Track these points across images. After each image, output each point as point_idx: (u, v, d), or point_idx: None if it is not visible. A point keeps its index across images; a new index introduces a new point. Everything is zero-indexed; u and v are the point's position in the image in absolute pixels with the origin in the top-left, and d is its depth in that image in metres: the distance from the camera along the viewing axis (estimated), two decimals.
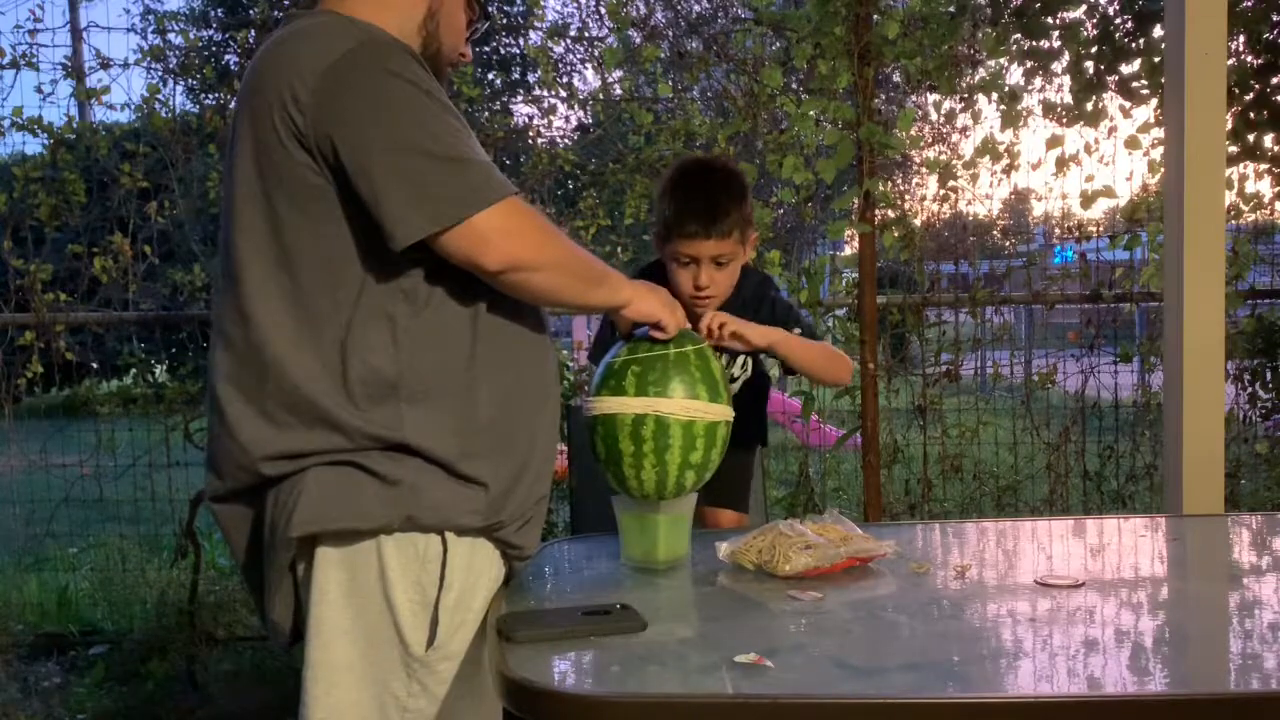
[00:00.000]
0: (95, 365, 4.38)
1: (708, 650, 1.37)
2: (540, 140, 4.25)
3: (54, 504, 3.91)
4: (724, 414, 1.74)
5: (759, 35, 3.84)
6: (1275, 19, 3.77)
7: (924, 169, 4.22)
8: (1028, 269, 4.00)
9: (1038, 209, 4.25)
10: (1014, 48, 3.76)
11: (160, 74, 4.01)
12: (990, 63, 3.71)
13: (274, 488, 1.47)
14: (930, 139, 4.28)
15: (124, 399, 4.11)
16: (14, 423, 3.81)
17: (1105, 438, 3.95)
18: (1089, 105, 3.75)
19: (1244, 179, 3.86)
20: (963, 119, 4.00)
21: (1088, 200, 3.77)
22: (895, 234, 3.44)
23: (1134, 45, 3.77)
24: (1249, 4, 3.70)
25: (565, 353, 4.24)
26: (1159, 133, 3.52)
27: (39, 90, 3.85)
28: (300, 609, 1.52)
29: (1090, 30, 3.78)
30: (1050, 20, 3.74)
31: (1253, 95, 3.74)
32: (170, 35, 4.13)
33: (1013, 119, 3.63)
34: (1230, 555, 2.01)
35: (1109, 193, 3.77)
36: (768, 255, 3.54)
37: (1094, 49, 3.76)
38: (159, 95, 3.87)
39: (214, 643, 3.65)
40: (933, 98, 3.93)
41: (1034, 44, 3.77)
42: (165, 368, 5.18)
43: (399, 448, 1.45)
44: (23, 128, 3.78)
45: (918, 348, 3.96)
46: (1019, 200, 4.58)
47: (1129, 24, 3.82)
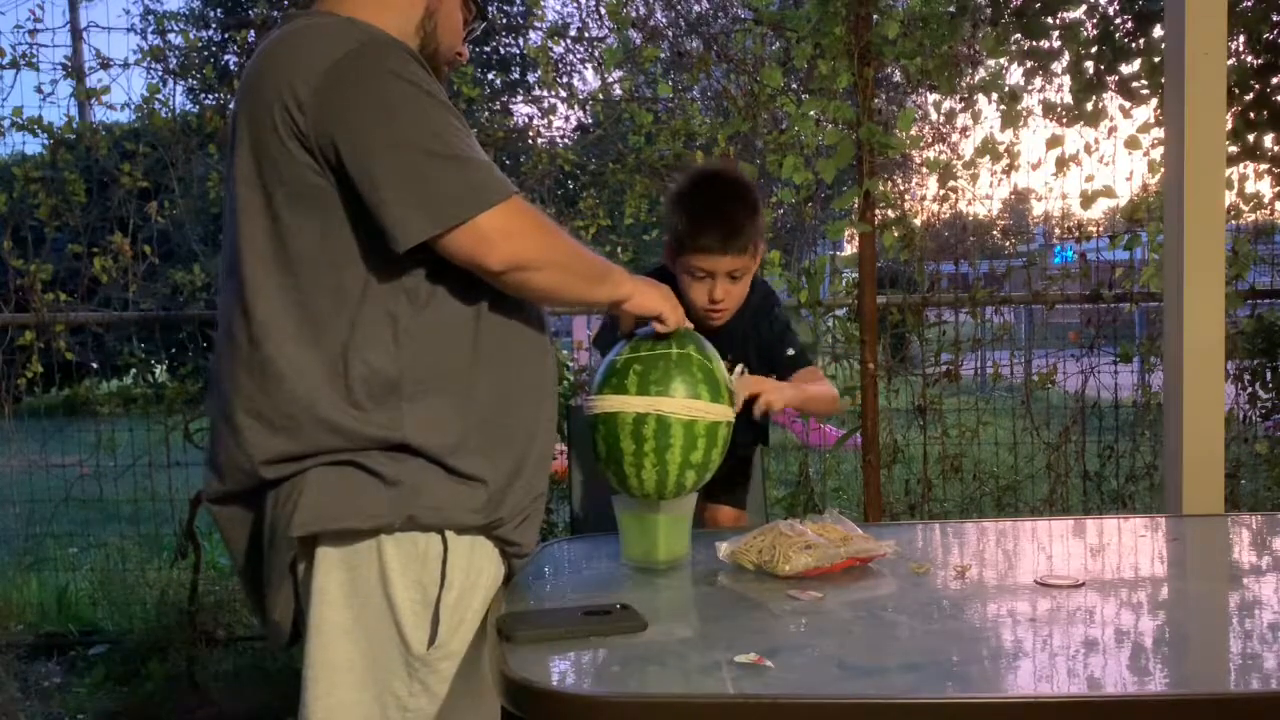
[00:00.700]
0: (95, 365, 4.38)
1: (708, 650, 1.37)
2: (540, 140, 4.24)
3: (54, 504, 3.91)
4: (725, 414, 1.74)
5: (759, 35, 3.84)
6: (1275, 19, 3.77)
7: (924, 169, 4.22)
8: (1028, 269, 4.00)
9: (1038, 209, 4.25)
10: (1014, 48, 3.76)
11: (160, 74, 4.01)
12: (990, 63, 3.71)
13: (274, 489, 1.47)
14: (930, 139, 4.28)
15: (124, 399, 4.12)
16: (14, 423, 3.81)
17: (1105, 438, 3.95)
18: (1089, 105, 3.75)
19: (1244, 179, 3.87)
20: (963, 119, 4.00)
21: (1088, 200, 3.78)
22: (895, 234, 3.44)
23: (1134, 45, 3.77)
24: (1249, 4, 3.70)
25: (565, 353, 4.23)
26: (1159, 133, 3.52)
27: (39, 90, 3.86)
28: (300, 609, 1.52)
29: (1090, 30, 3.78)
30: (1050, 20, 3.74)
31: (1253, 95, 3.74)
32: (170, 35, 4.13)
33: (1013, 119, 3.63)
34: (1230, 555, 2.02)
35: (1109, 193, 3.77)
36: (768, 255, 3.54)
37: (1094, 49, 3.76)
38: (159, 95, 3.87)
39: (214, 643, 3.65)
40: (933, 98, 3.93)
41: (1034, 44, 3.77)
42: (165, 368, 5.18)
43: (399, 447, 1.45)
44: (23, 128, 3.78)
45: (918, 348, 3.96)
46: (1019, 200, 4.58)
47: (1129, 24, 3.82)
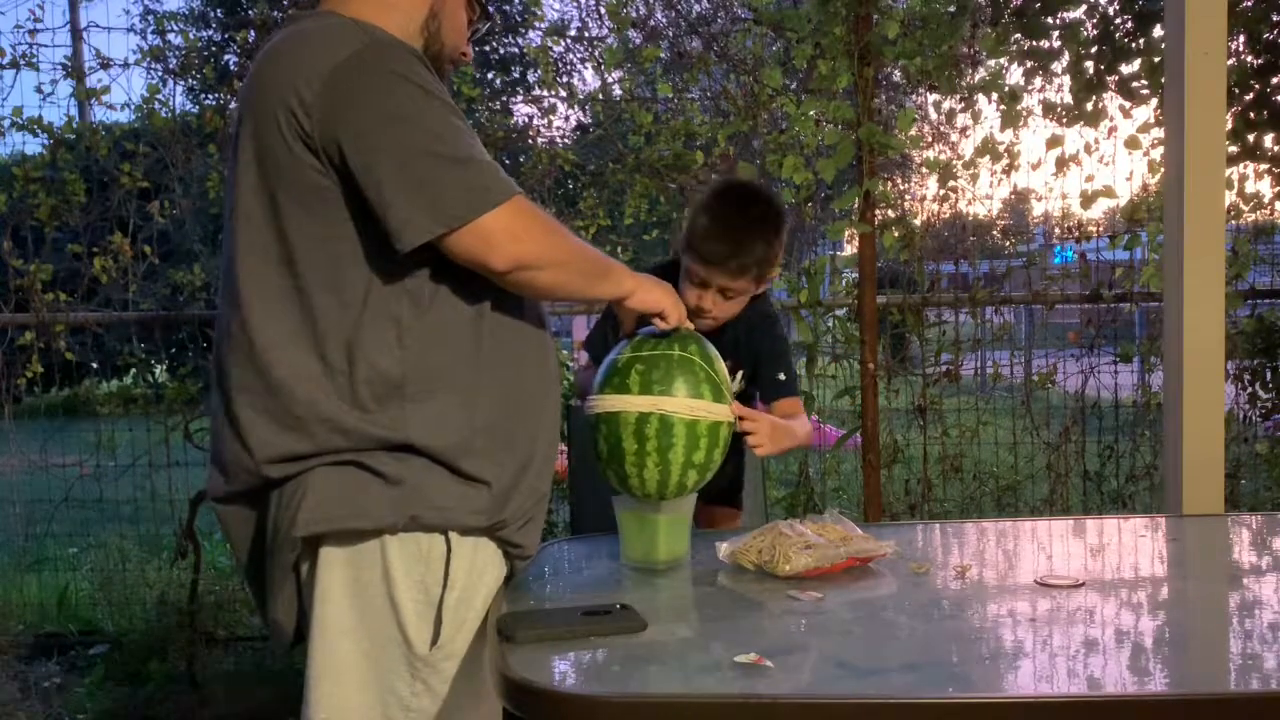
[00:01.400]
0: (95, 365, 4.38)
1: (708, 650, 1.37)
2: (540, 140, 4.24)
3: (54, 504, 3.90)
4: (727, 414, 1.74)
5: (759, 35, 3.84)
6: (1275, 19, 3.77)
7: (924, 169, 4.21)
8: (1028, 269, 3.99)
9: (1038, 209, 4.25)
10: (1014, 48, 3.75)
11: (160, 74, 4.01)
12: (990, 63, 3.71)
13: (278, 489, 1.47)
14: (930, 139, 4.28)
15: (124, 399, 4.12)
16: (14, 423, 3.81)
17: (1105, 438, 3.94)
18: (1089, 105, 3.75)
19: (1244, 179, 3.86)
20: (963, 119, 4.00)
21: (1088, 200, 3.77)
22: (895, 234, 3.44)
23: (1134, 45, 3.77)
24: (1249, 4, 3.70)
25: (565, 353, 4.24)
26: (1159, 133, 3.52)
27: (39, 90, 3.86)
28: (303, 609, 1.52)
29: (1090, 30, 3.78)
30: (1050, 20, 3.74)
31: (1253, 95, 3.74)
32: (170, 35, 4.13)
33: (1013, 119, 3.63)
34: (1230, 555, 2.02)
35: (1109, 193, 3.76)
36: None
37: (1094, 49, 3.75)
38: (159, 95, 3.87)
39: (214, 643, 3.65)
40: (933, 98, 3.93)
41: (1034, 44, 3.77)
42: (165, 368, 5.17)
43: (403, 447, 1.45)
44: (23, 128, 3.78)
45: (918, 348, 3.95)
46: (1019, 200, 4.58)
47: (1129, 24, 3.81)
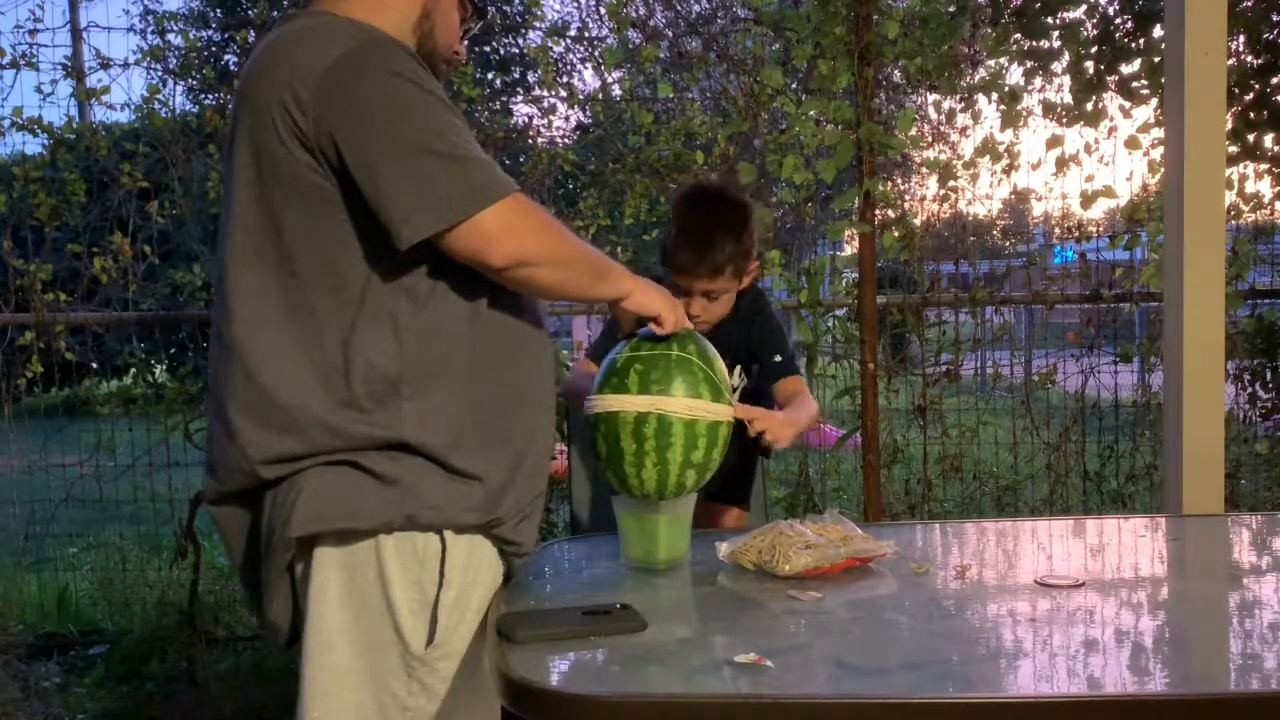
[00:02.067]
0: (95, 365, 4.38)
1: (708, 650, 1.37)
2: (540, 140, 4.24)
3: (54, 504, 3.90)
4: (726, 414, 1.74)
5: (759, 35, 3.84)
6: (1275, 19, 3.77)
7: (924, 169, 4.22)
8: (1028, 269, 3.99)
9: (1038, 209, 4.25)
10: (1014, 48, 3.75)
11: (160, 74, 4.01)
12: (990, 63, 3.71)
13: (272, 489, 1.47)
14: (930, 139, 4.28)
15: (124, 399, 4.11)
16: (14, 423, 3.81)
17: (1105, 438, 3.94)
18: (1089, 105, 3.75)
19: (1244, 179, 3.86)
20: (963, 119, 4.00)
21: (1088, 200, 3.77)
22: (895, 234, 3.44)
23: (1134, 45, 3.77)
24: (1249, 4, 3.70)
25: (565, 353, 4.23)
26: (1159, 133, 3.52)
27: (39, 90, 3.86)
28: (298, 609, 1.52)
29: (1090, 30, 3.78)
30: (1050, 20, 3.74)
31: (1253, 95, 3.74)
32: (170, 35, 4.13)
33: (1013, 119, 3.63)
34: (1230, 555, 2.02)
35: (1109, 193, 3.76)
36: (768, 255, 3.53)
37: (1094, 49, 3.76)
38: (159, 95, 3.87)
39: (214, 643, 3.65)
40: (933, 98, 3.93)
41: (1034, 44, 3.77)
42: (165, 368, 5.18)
43: (397, 446, 1.45)
44: (23, 128, 3.78)
45: (918, 348, 3.95)
46: (1019, 200, 4.58)
47: (1129, 24, 3.82)
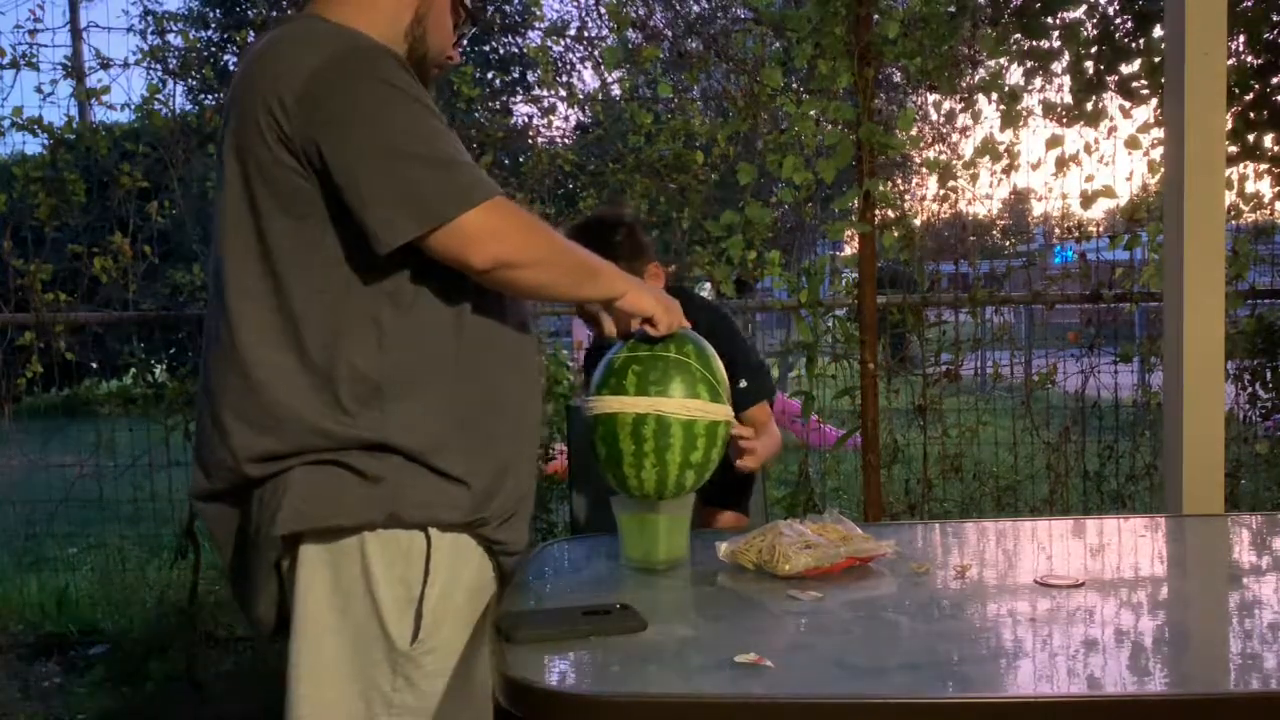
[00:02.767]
0: (95, 365, 4.38)
1: (708, 650, 1.37)
2: (540, 140, 4.24)
3: (54, 504, 3.90)
4: (725, 413, 1.74)
5: (759, 35, 3.84)
6: (1275, 19, 3.77)
7: (924, 169, 4.22)
8: (1028, 269, 4.00)
9: (1038, 209, 4.26)
10: (1014, 48, 3.75)
11: (160, 74, 4.01)
12: (990, 63, 3.71)
13: (259, 488, 1.48)
14: (930, 139, 4.28)
15: (124, 399, 4.11)
16: (14, 423, 3.81)
17: (1105, 438, 3.95)
18: (1089, 105, 3.75)
19: (1244, 179, 3.86)
20: (963, 119, 4.01)
21: (1088, 200, 3.77)
22: (895, 234, 3.44)
23: (1134, 45, 3.77)
24: (1249, 4, 3.70)
25: (565, 352, 4.23)
26: (1159, 133, 3.51)
27: (39, 90, 3.87)
28: (285, 606, 1.53)
29: (1090, 30, 3.78)
30: (1050, 20, 3.74)
31: (1253, 95, 3.74)
32: (170, 35, 4.14)
33: (1013, 119, 3.63)
34: (1230, 555, 2.01)
35: (1109, 193, 3.76)
36: (768, 255, 3.53)
37: (1094, 49, 3.76)
38: (159, 95, 3.87)
39: (214, 643, 3.65)
40: (933, 98, 3.94)
41: (1034, 44, 3.77)
42: (165, 367, 5.17)
43: (381, 447, 1.46)
44: (23, 128, 3.78)
45: (918, 348, 3.96)
46: (1019, 200, 4.58)
47: (1129, 24, 3.82)
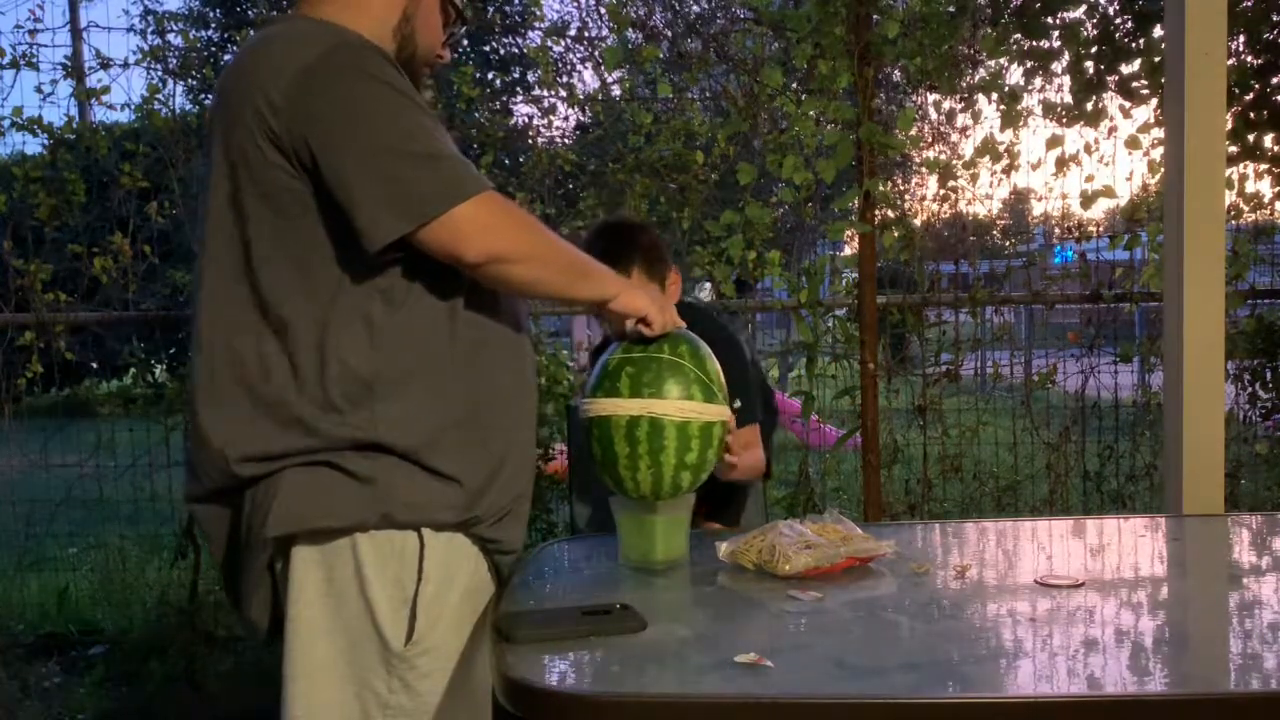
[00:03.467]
0: (95, 365, 4.38)
1: (708, 650, 1.37)
2: (540, 140, 4.24)
3: (54, 504, 3.90)
4: (719, 414, 1.73)
5: (759, 35, 3.84)
6: (1275, 19, 3.77)
7: (924, 169, 4.22)
8: (1028, 269, 4.00)
9: (1038, 209, 4.25)
10: (1014, 48, 3.75)
11: (160, 74, 4.01)
12: (990, 63, 3.71)
13: (250, 489, 1.48)
14: (930, 139, 4.28)
15: (124, 399, 4.11)
16: (14, 423, 3.81)
17: (1105, 438, 3.95)
18: (1089, 105, 3.75)
19: (1244, 179, 3.86)
20: (963, 119, 4.01)
21: (1088, 200, 3.77)
22: (895, 234, 3.44)
23: (1134, 45, 3.77)
24: (1249, 4, 3.70)
25: (565, 352, 4.23)
26: (1159, 133, 3.52)
27: (39, 90, 3.86)
28: (279, 607, 1.52)
29: (1090, 30, 3.78)
30: (1050, 20, 3.74)
31: (1253, 95, 3.74)
32: (170, 35, 4.14)
33: (1013, 119, 3.63)
34: (1230, 555, 2.01)
35: (1109, 193, 3.76)
36: (768, 255, 3.53)
37: (1094, 49, 3.76)
38: (159, 95, 3.87)
39: (214, 643, 3.65)
40: (933, 98, 3.93)
41: (1034, 44, 3.77)
42: (165, 368, 5.18)
43: (373, 446, 1.46)
44: (23, 128, 3.78)
45: (918, 348, 3.96)
46: (1019, 200, 4.58)
47: (1129, 24, 3.82)
